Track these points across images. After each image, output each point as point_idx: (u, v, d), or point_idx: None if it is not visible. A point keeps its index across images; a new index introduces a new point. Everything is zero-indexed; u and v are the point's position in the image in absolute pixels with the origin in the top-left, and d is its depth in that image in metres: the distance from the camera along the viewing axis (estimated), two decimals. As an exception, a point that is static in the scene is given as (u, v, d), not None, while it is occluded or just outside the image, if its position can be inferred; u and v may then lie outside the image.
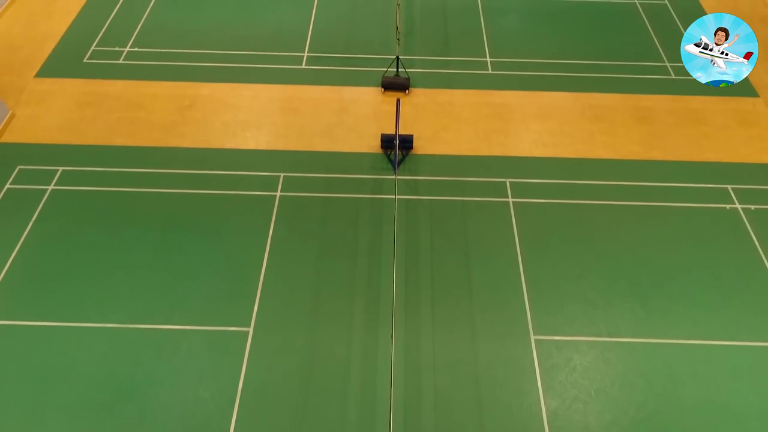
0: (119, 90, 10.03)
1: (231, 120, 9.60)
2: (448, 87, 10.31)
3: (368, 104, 9.95)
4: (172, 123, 9.49)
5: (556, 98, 10.14)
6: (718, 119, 9.84)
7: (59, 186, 8.49)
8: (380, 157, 9.07)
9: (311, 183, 8.68)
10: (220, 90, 10.10)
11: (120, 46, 10.85)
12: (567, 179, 8.82)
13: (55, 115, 9.57)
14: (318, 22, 11.57)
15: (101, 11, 11.65)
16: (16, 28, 11.24)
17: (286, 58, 10.77)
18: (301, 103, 9.93)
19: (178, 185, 8.57)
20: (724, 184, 8.80)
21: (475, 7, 12.11)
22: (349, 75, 10.46)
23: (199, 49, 10.85)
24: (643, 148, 9.34)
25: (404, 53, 10.78)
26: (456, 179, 8.79)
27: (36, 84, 10.11)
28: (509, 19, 11.83)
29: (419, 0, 12.26)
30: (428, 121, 9.68)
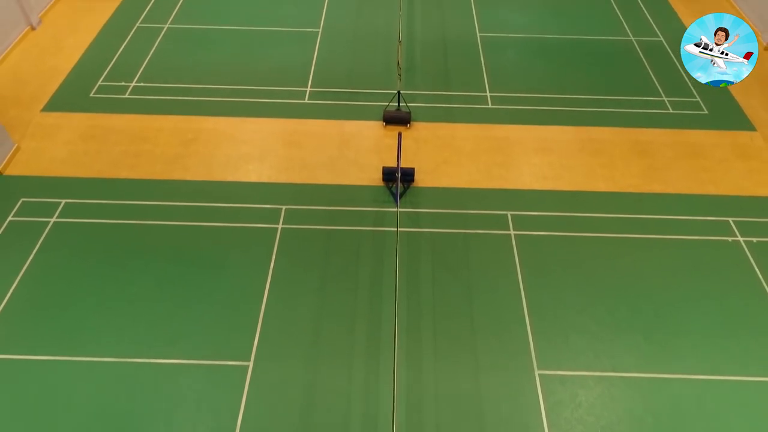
0: (124, 124, 10.16)
1: (234, 153, 9.69)
2: (449, 121, 10.44)
3: (370, 138, 10.06)
4: (176, 156, 9.58)
5: (556, 132, 10.25)
6: (716, 152, 9.92)
7: (61, 218, 8.51)
8: (382, 189, 9.12)
9: (313, 215, 8.70)
10: (223, 124, 10.23)
11: (126, 81, 11.05)
12: (568, 212, 8.84)
13: (60, 148, 9.68)
14: (321, 58, 11.81)
15: (109, 47, 11.91)
16: (26, 64, 11.47)
17: (290, 92, 10.95)
18: (303, 136, 10.04)
19: (180, 218, 8.59)
20: (725, 217, 8.81)
21: (474, 43, 12.37)
22: (351, 109, 10.61)
23: (204, 84, 11.04)
24: (643, 181, 9.39)
25: (405, 88, 10.96)
26: (457, 212, 8.81)
27: (42, 118, 10.26)
28: (508, 55, 12.07)
29: (420, 36, 12.54)
30: (429, 155, 9.77)
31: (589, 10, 13.55)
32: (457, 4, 13.57)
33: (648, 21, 13.19)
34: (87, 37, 12.22)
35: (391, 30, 12.46)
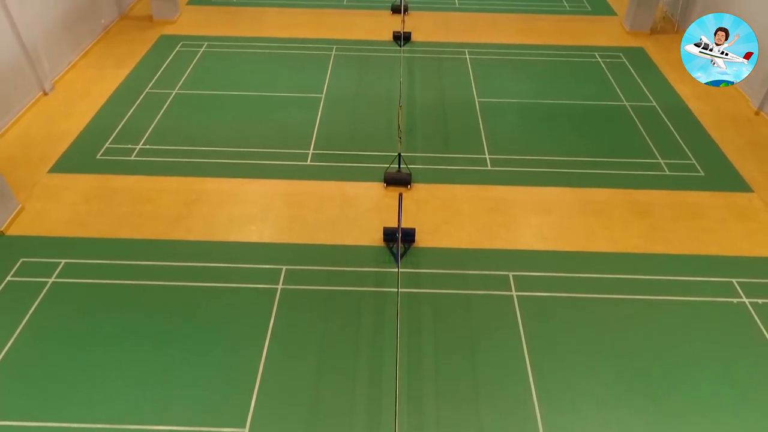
0: (129, 185, 10.30)
1: (236, 214, 9.76)
2: (448, 182, 10.58)
3: (371, 198, 10.16)
4: (178, 216, 9.64)
5: (554, 193, 10.36)
6: (715, 213, 9.98)
7: (60, 279, 8.46)
8: (383, 250, 9.11)
9: (313, 276, 8.64)
10: (227, 185, 10.37)
11: (133, 144, 11.30)
12: (570, 272, 8.78)
13: (64, 208, 9.76)
14: (324, 122, 12.13)
15: (118, 112, 12.27)
16: (36, 127, 11.78)
17: (293, 155, 11.16)
18: (305, 197, 10.15)
19: (179, 278, 8.53)
20: (728, 278, 8.74)
21: (473, 107, 12.74)
22: (352, 171, 10.78)
23: (208, 146, 11.29)
24: (644, 241, 9.39)
25: (406, 150, 11.19)
26: (459, 272, 8.75)
27: (49, 179, 10.42)
28: (506, 119, 12.40)
29: (420, 101, 12.93)
30: (430, 215, 9.83)
31: (583, 77, 14.05)
32: (456, 72, 14.10)
33: (640, 87, 13.65)
34: (97, 102, 12.62)
35: (392, 95, 12.87)
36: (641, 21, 15.97)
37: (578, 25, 16.69)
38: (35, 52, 12.27)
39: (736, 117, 12.59)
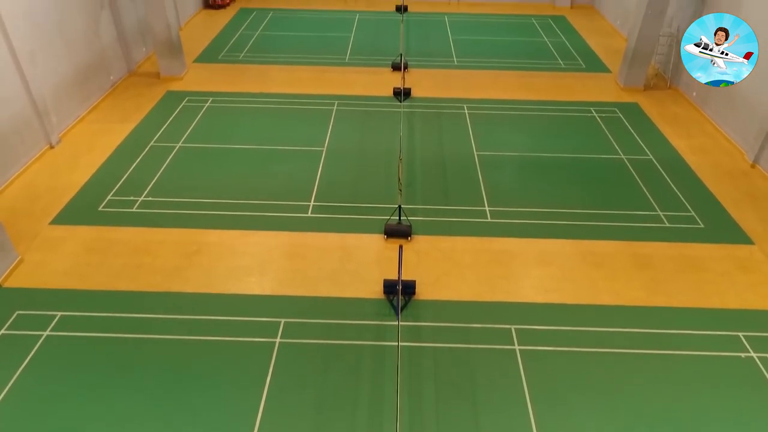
0: (129, 236, 10.31)
1: (235, 265, 9.72)
2: (449, 234, 10.58)
3: (371, 251, 10.14)
4: (177, 268, 9.59)
5: (555, 245, 10.34)
6: (717, 266, 9.92)
7: (55, 332, 8.32)
8: (383, 302, 9.00)
9: (312, 329, 8.50)
10: (227, 237, 10.37)
11: (135, 196, 11.40)
12: (573, 326, 8.64)
13: (63, 260, 9.73)
14: (325, 174, 12.27)
15: (122, 165, 12.44)
16: (41, 179, 11.91)
17: (293, 207, 11.23)
18: (305, 249, 10.13)
19: (176, 331, 8.40)
20: (734, 332, 8.59)
21: (472, 161, 12.91)
22: (353, 223, 10.81)
23: (210, 198, 11.38)
24: (646, 294, 9.29)
25: (406, 202, 11.26)
26: (460, 325, 8.62)
27: (49, 230, 10.44)
28: (505, 172, 12.54)
29: (420, 155, 13.13)
30: (430, 267, 9.77)
31: (580, 131, 14.32)
32: (455, 126, 14.39)
33: (637, 141, 13.88)
34: (102, 155, 12.82)
35: (392, 148, 13.08)
36: (634, 77, 16.43)
37: (573, 81, 17.17)
38: (44, 106, 12.57)
39: (732, 170, 12.74)
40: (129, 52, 16.76)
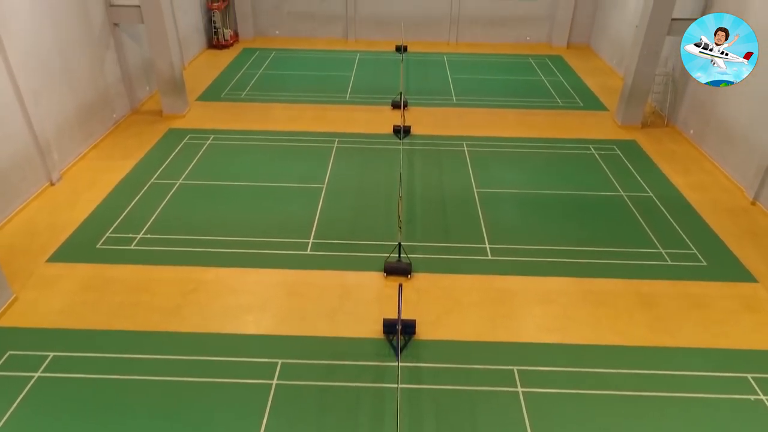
0: (126, 274, 10.20)
1: (233, 304, 9.58)
2: (449, 272, 10.48)
3: (371, 289, 10.02)
4: (174, 306, 9.45)
5: (557, 283, 10.22)
6: (722, 304, 9.77)
7: (46, 373, 8.13)
8: (382, 342, 8.83)
9: (310, 370, 8.31)
10: (225, 274, 10.27)
11: (134, 233, 11.34)
12: (577, 367, 8.45)
13: (59, 298, 9.60)
14: (324, 211, 12.25)
15: (122, 202, 12.43)
16: (40, 216, 11.88)
17: (293, 244, 11.16)
18: (304, 287, 10.01)
19: (170, 372, 8.20)
20: (743, 373, 8.38)
21: (471, 198, 12.91)
22: (352, 260, 10.72)
23: (209, 235, 11.32)
24: (651, 333, 9.12)
25: (406, 240, 11.19)
26: (461, 366, 8.42)
27: (46, 268, 10.34)
28: (505, 209, 12.52)
29: (419, 192, 13.13)
30: (431, 306, 9.63)
31: (579, 168, 14.37)
32: (455, 164, 14.45)
33: (636, 178, 13.91)
34: (103, 192, 12.83)
35: (392, 186, 13.10)
36: (632, 115, 16.61)
37: (572, 119, 17.35)
38: (46, 144, 12.66)
39: (732, 207, 12.71)
40: (133, 90, 17.01)
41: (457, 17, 24.36)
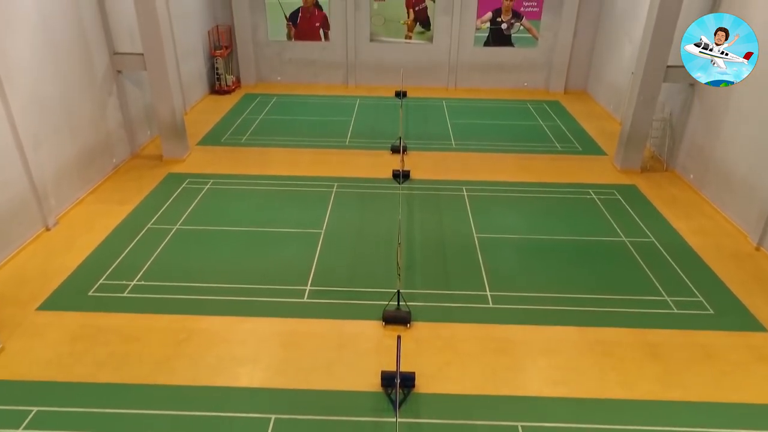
0: (118, 323, 9.93)
1: (226, 354, 9.27)
2: (449, 321, 10.20)
3: (369, 339, 9.72)
4: (164, 358, 9.14)
5: (561, 332, 9.93)
6: (732, 355, 9.45)
7: (29, 430, 7.76)
8: (380, 396, 8.48)
9: (304, 427, 7.94)
10: (219, 323, 9.99)
11: (127, 280, 11.12)
12: (584, 422, 8.07)
13: (47, 349, 9.30)
14: (322, 257, 12.06)
15: (117, 247, 12.26)
16: (33, 263, 11.68)
17: (289, 291, 10.92)
18: (300, 337, 9.72)
19: (156, 429, 7.83)
20: (758, 429, 8.00)
21: (472, 243, 12.74)
22: (350, 308, 10.46)
23: (204, 282, 11.09)
24: (660, 386, 8.77)
25: (405, 287, 10.96)
26: (463, 422, 8.05)
27: (36, 317, 10.07)
28: (506, 255, 12.33)
29: (419, 237, 12.97)
30: (431, 357, 9.31)
31: (579, 213, 14.26)
32: (454, 208, 14.35)
33: (637, 223, 13.77)
34: (98, 237, 12.68)
35: (391, 231, 12.94)
36: (631, 160, 16.63)
37: (571, 163, 17.37)
38: (44, 190, 12.60)
39: (736, 253, 12.52)
40: (134, 135, 17.12)
41: (455, 64, 24.82)
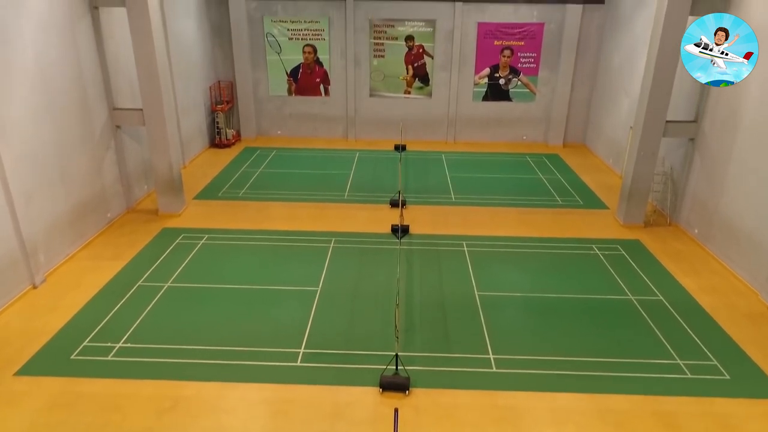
0: (99, 389, 9.38)
1: (211, 425, 8.68)
2: (451, 387, 9.64)
3: (365, 407, 9.14)
4: (146, 429, 8.55)
5: (569, 400, 9.35)
6: (753, 426, 8.85)
7: None
8: (376, 473, 7.85)
9: None
10: (206, 390, 9.44)
11: (113, 342, 10.63)
12: (598, 505, 7.41)
13: (21, 419, 8.72)
14: (318, 318, 11.59)
15: (105, 306, 11.82)
16: (15, 323, 11.21)
17: (282, 354, 10.40)
18: (292, 405, 9.14)
19: None
20: None
21: (473, 302, 12.28)
22: (346, 373, 9.92)
23: (193, 344, 10.60)
24: (678, 462, 8.15)
25: (404, 349, 10.44)
26: (466, 504, 7.40)
27: (13, 383, 9.53)
28: (509, 314, 11.86)
29: (418, 296, 12.53)
30: (431, 428, 8.71)
31: (584, 270, 13.86)
32: (455, 265, 13.97)
33: (644, 280, 13.35)
34: (87, 295, 12.25)
35: (389, 290, 12.51)
36: (634, 214, 16.37)
37: (572, 218, 17.11)
38: (33, 247, 12.27)
39: (749, 313, 12.04)
40: (130, 189, 16.96)
41: (454, 118, 25.03)
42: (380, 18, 23.71)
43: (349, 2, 23.23)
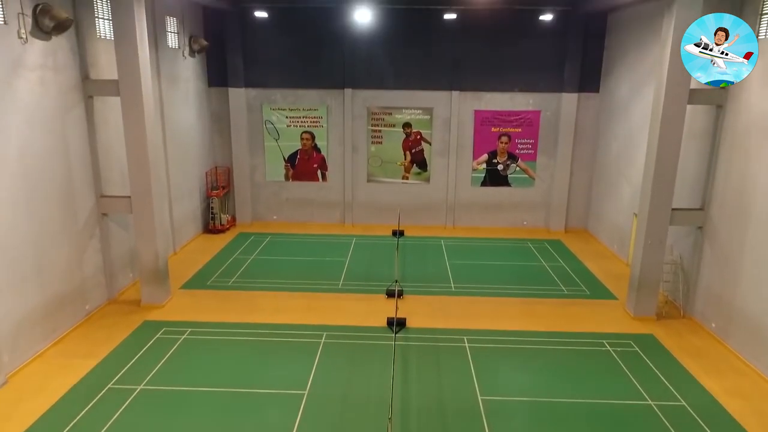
0: None
1: None
2: None
3: None
4: None
5: None
6: None
7: None
8: None
9: None
10: None
11: (69, 459, 9.39)
12: None
13: None
14: (302, 428, 10.37)
15: (66, 414, 10.65)
16: (-37, 435, 10.02)
17: (259, 475, 9.13)
18: None
19: None
20: None
21: (476, 409, 11.08)
22: (330, 500, 8.61)
23: (159, 462, 9.36)
24: None
25: (398, 469, 9.18)
26: None
27: None
28: (517, 425, 10.62)
29: (415, 403, 11.34)
30: None
31: (596, 369, 12.72)
32: (455, 363, 12.85)
33: (662, 381, 12.18)
34: (50, 400, 11.09)
35: (383, 394, 11.31)
36: (645, 306, 15.40)
37: (579, 309, 16.12)
38: (-4, 345, 11.31)
39: (784, 420, 10.80)
40: (114, 279, 16.13)
41: (453, 203, 24.65)
42: (378, 106, 23.98)
43: (347, 91, 23.59)
